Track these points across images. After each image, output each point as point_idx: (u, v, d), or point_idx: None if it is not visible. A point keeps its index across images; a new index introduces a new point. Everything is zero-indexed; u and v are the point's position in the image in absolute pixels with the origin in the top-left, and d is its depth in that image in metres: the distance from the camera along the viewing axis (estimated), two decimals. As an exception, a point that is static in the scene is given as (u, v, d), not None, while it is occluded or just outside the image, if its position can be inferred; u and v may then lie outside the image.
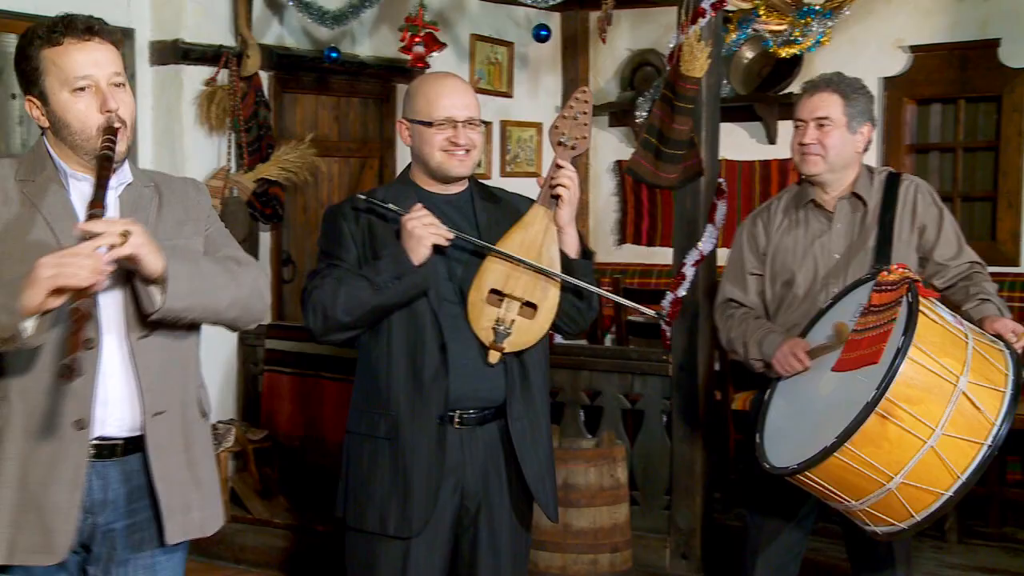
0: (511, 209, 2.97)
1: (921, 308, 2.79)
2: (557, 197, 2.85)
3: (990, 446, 2.70)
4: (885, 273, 2.95)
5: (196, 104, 5.44)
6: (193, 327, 2.45)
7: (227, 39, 5.55)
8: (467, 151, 2.86)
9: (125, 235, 2.14)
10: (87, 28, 2.30)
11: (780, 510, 3.32)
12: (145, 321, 2.31)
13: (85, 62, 2.29)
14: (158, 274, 2.24)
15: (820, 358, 3.07)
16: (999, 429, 2.71)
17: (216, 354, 5.42)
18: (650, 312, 3.25)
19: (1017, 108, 6.35)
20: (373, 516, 2.84)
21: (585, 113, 2.88)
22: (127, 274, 2.27)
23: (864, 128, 3.30)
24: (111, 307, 2.32)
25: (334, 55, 5.87)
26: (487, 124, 4.89)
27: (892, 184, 3.31)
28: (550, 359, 3.06)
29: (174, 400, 2.41)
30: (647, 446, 4.87)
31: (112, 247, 2.12)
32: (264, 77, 5.70)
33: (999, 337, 2.97)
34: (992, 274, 6.23)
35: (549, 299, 2.85)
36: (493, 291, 2.83)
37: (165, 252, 2.25)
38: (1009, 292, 6.14)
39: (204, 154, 5.50)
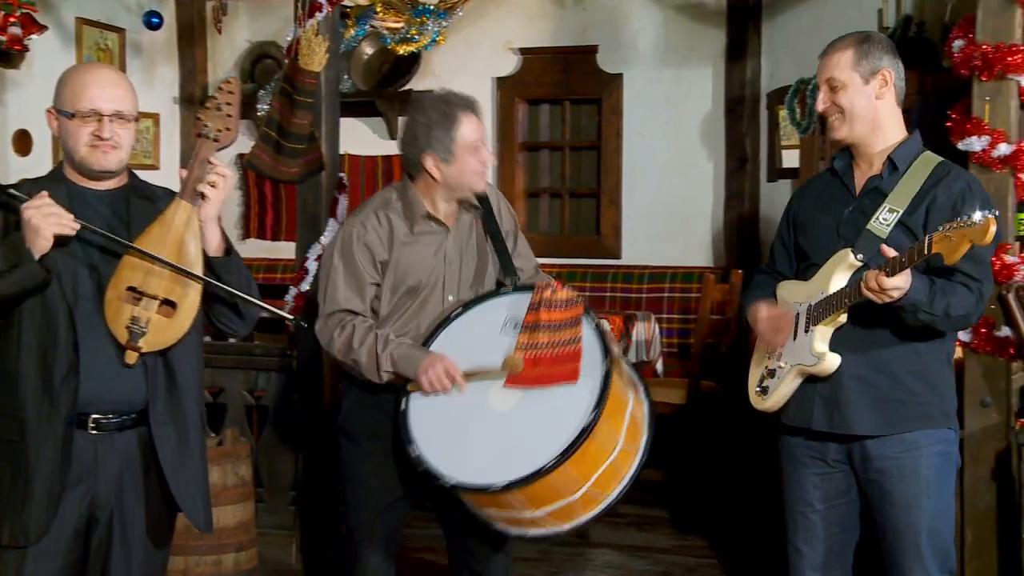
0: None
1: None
2: (202, 193, 2.75)
3: (642, 452, 2.97)
4: (550, 292, 3.02)
5: None
6: None
7: None
8: (113, 146, 2.73)
9: None
10: None
11: (377, 495, 3.32)
12: None
13: None
14: None
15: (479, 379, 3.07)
16: (647, 437, 3.00)
17: None
18: (289, 318, 3.21)
19: (615, 110, 6.85)
20: None
21: (230, 104, 2.79)
22: None
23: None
24: None
25: (-88, 33, 5.35)
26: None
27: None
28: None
29: None
30: (272, 442, 4.84)
31: None
32: None
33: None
34: (596, 266, 6.79)
35: (189, 297, 2.75)
36: (131, 288, 2.71)
37: None
38: (612, 283, 6.65)
39: None
